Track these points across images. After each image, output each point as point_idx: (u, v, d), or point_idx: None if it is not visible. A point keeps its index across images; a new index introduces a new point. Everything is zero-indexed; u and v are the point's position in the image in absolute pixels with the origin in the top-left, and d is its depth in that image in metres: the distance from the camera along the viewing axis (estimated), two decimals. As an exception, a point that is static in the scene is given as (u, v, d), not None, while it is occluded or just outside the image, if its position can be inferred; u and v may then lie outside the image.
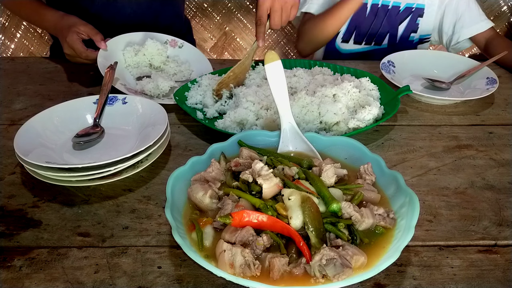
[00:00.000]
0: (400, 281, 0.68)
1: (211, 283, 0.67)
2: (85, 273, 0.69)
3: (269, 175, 0.72)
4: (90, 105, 1.03)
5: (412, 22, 1.60)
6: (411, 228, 0.65)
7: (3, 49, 2.12)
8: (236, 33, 2.24)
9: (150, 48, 1.31)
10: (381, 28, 1.61)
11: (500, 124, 1.10)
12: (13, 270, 0.70)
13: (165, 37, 1.39)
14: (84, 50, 1.26)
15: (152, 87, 1.19)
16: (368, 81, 1.16)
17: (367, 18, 1.60)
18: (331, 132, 1.02)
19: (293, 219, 0.66)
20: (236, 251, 0.62)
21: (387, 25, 1.60)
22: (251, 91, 1.09)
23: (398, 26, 1.60)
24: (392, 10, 1.58)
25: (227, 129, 1.01)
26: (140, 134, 0.97)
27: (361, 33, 1.64)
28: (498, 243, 0.76)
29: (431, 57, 1.39)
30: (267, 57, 0.87)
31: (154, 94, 1.19)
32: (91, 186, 0.87)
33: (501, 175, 0.92)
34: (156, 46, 1.32)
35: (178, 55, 1.36)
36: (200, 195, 0.73)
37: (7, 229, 0.78)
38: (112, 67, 1.15)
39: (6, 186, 0.88)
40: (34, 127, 0.94)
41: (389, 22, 1.60)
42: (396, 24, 1.60)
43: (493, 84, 1.21)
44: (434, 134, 1.06)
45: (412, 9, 1.58)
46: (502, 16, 2.10)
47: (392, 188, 0.76)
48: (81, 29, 1.26)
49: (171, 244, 0.74)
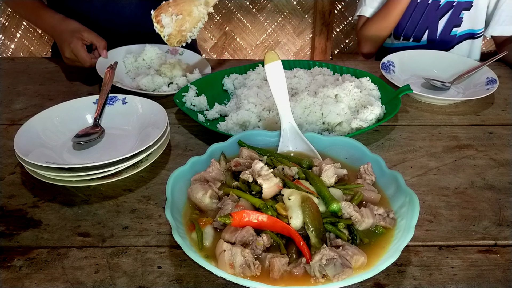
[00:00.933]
0: (400, 281, 0.68)
1: (211, 283, 0.67)
2: (85, 273, 0.69)
3: (269, 175, 0.72)
4: (90, 105, 1.03)
5: (454, 16, 1.55)
6: (411, 228, 0.65)
7: (3, 49, 2.12)
8: (236, 33, 2.24)
9: (149, 53, 1.32)
10: (419, 24, 1.58)
11: (500, 124, 1.10)
12: (13, 270, 0.70)
13: (166, 47, 1.39)
14: (89, 59, 1.25)
15: (147, 81, 1.19)
16: (368, 81, 1.16)
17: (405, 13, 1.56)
18: (334, 132, 1.02)
19: (293, 219, 0.66)
20: (236, 251, 0.62)
21: (426, 20, 1.57)
22: (252, 93, 1.09)
23: (438, 21, 1.56)
24: (432, 5, 1.55)
25: (230, 131, 1.01)
26: (140, 134, 0.97)
27: (399, 29, 1.61)
28: (498, 243, 0.76)
29: (431, 57, 1.39)
30: (267, 57, 0.87)
31: (149, 89, 1.19)
32: (91, 186, 0.87)
33: (501, 175, 0.92)
34: (155, 51, 1.33)
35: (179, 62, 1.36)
36: (200, 195, 0.73)
37: (7, 229, 0.78)
38: (112, 67, 1.15)
39: (6, 186, 0.88)
40: (34, 127, 0.94)
41: (428, 17, 1.56)
42: (436, 19, 1.56)
43: (493, 84, 1.21)
44: (434, 134, 1.06)
45: (453, 3, 1.53)
46: (502, 16, 2.09)
47: (392, 188, 0.76)
48: (85, 35, 1.26)
49: (171, 244, 0.74)
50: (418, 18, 1.57)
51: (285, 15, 2.34)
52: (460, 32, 1.58)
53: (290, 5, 2.35)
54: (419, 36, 1.61)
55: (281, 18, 2.33)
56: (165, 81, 1.24)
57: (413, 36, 1.62)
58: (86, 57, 1.24)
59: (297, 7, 2.39)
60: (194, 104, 1.12)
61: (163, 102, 1.08)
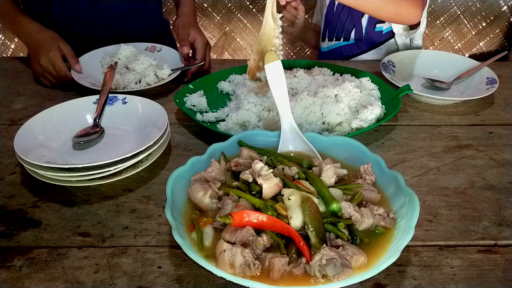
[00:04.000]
0: (400, 281, 0.68)
1: (211, 283, 0.67)
2: (85, 273, 0.69)
3: (269, 175, 0.72)
4: (90, 105, 1.03)
5: None
6: (411, 228, 0.65)
7: (3, 49, 2.11)
8: (236, 33, 2.24)
9: (124, 52, 1.31)
10: (347, 23, 1.56)
11: (500, 124, 1.10)
12: (13, 270, 0.70)
13: (144, 45, 1.40)
14: (66, 70, 1.22)
15: (115, 80, 1.18)
16: (368, 81, 1.16)
17: (335, 14, 1.56)
18: (334, 132, 1.02)
19: (293, 219, 0.66)
20: (236, 251, 0.62)
21: (352, 19, 1.55)
22: (252, 93, 1.09)
23: (361, 19, 1.53)
24: None
25: (230, 131, 1.01)
26: (140, 134, 0.97)
27: (331, 30, 1.61)
28: (498, 243, 0.76)
29: (431, 57, 1.38)
30: (267, 57, 0.87)
31: (118, 87, 1.20)
32: (91, 186, 0.87)
33: (501, 175, 0.92)
34: (129, 49, 1.32)
35: (157, 59, 1.32)
36: (200, 195, 0.73)
37: (7, 229, 0.78)
38: (112, 67, 1.15)
39: (6, 186, 0.88)
40: (34, 127, 0.94)
41: (353, 16, 1.54)
42: (359, 17, 1.54)
43: (493, 84, 1.21)
44: (434, 134, 1.06)
45: None
46: (502, 16, 2.10)
47: (392, 188, 0.76)
48: (61, 46, 1.24)
49: (171, 244, 0.74)
50: (345, 18, 1.56)
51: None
52: (386, 29, 1.53)
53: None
54: (348, 36, 1.58)
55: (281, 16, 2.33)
56: (136, 78, 1.24)
57: (343, 36, 1.59)
58: (63, 66, 1.22)
59: (297, 7, 2.39)
60: (194, 104, 1.12)
61: (163, 102, 1.08)
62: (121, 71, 1.26)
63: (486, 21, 2.12)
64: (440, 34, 2.18)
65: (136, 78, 1.24)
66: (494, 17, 2.09)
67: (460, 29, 2.16)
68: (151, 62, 1.27)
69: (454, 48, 2.21)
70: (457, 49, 2.21)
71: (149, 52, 1.39)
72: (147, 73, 1.24)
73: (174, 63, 1.31)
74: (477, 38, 2.17)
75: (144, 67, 1.25)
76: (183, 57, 1.33)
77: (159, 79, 1.24)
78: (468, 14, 2.11)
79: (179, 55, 1.35)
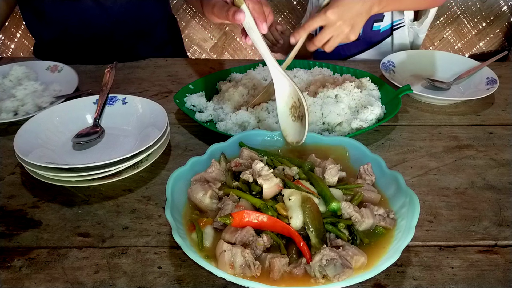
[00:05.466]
0: (400, 282, 0.68)
1: (211, 284, 0.67)
2: (85, 274, 0.69)
3: (270, 175, 0.72)
4: (90, 105, 1.03)
5: None
6: (411, 228, 0.65)
7: (3, 49, 2.12)
8: (236, 33, 2.24)
9: (16, 73, 1.20)
10: None
11: (500, 124, 1.10)
12: (13, 271, 0.70)
13: (47, 63, 1.28)
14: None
15: None
16: (368, 81, 1.16)
17: None
18: (334, 132, 1.02)
19: (293, 219, 0.66)
20: (236, 252, 0.62)
21: None
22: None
23: None
24: None
25: (229, 131, 1.01)
26: (140, 134, 0.97)
27: None
28: (498, 243, 0.76)
29: (431, 57, 1.38)
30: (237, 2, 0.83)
31: None
32: (91, 186, 0.87)
33: (501, 175, 0.92)
34: (21, 70, 1.21)
35: (53, 81, 1.20)
36: (200, 196, 0.73)
37: (7, 229, 0.78)
38: (112, 67, 1.15)
39: (6, 186, 0.88)
40: (34, 127, 0.94)
41: None
42: None
43: (493, 84, 1.20)
44: (434, 134, 1.06)
45: None
46: (502, 16, 2.10)
47: (392, 188, 0.76)
48: None
49: (171, 244, 0.74)
50: None
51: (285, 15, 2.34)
52: (383, 28, 1.53)
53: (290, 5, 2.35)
54: None
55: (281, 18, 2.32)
56: (15, 105, 1.08)
57: None
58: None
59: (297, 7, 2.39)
60: (194, 104, 1.12)
61: (163, 102, 1.08)
62: (3, 97, 1.12)
63: (486, 21, 2.12)
64: (440, 34, 2.18)
65: (14, 105, 1.09)
66: (494, 17, 2.09)
67: (460, 29, 2.16)
68: (35, 88, 1.14)
69: (454, 48, 2.21)
70: (457, 49, 2.21)
71: (50, 72, 1.27)
72: (26, 101, 1.10)
73: (70, 86, 1.19)
74: (477, 38, 2.18)
75: (25, 93, 1.12)
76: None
77: (39, 108, 1.09)
78: (468, 14, 2.11)
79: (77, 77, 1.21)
